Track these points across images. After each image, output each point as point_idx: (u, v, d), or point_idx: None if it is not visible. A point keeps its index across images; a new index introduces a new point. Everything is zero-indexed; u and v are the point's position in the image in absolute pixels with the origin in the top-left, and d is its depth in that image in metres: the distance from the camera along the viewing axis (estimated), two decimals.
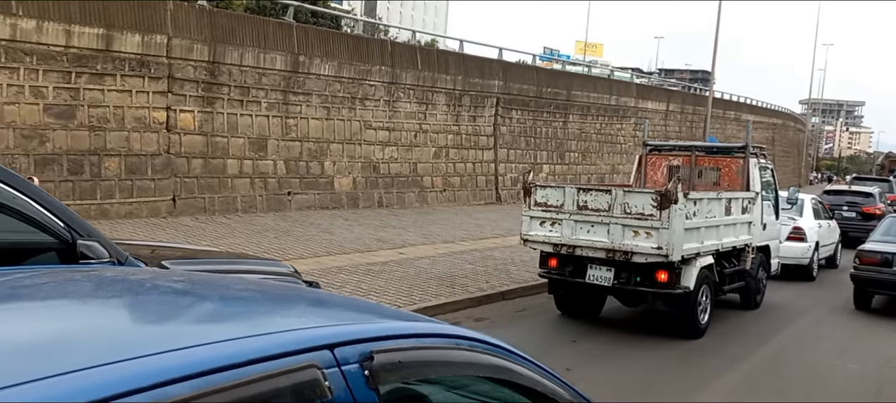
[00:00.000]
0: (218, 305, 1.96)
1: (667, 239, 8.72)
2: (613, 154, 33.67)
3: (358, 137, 20.33)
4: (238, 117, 17.13)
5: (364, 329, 1.70)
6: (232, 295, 2.07)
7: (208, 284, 2.27)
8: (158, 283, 2.17)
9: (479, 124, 25.07)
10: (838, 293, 13.76)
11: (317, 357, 1.43)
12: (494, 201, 25.61)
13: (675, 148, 12.84)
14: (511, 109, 26.58)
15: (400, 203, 21.48)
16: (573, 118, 30.48)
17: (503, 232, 18.70)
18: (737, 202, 10.54)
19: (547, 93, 28.52)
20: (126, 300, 1.95)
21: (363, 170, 20.40)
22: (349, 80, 19.90)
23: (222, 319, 1.83)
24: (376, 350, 1.55)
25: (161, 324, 1.71)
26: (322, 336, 1.54)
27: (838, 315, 12.28)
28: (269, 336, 1.48)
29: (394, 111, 21.52)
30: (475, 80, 24.63)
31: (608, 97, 32.84)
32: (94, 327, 1.60)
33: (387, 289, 11.07)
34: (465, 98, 24.29)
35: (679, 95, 41.94)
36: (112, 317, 1.76)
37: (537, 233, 9.77)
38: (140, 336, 1.58)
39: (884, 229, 12.88)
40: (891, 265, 11.47)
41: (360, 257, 13.64)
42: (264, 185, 17.72)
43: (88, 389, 1.15)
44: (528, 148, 27.58)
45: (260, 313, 1.90)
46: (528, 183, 9.98)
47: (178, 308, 1.90)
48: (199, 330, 1.67)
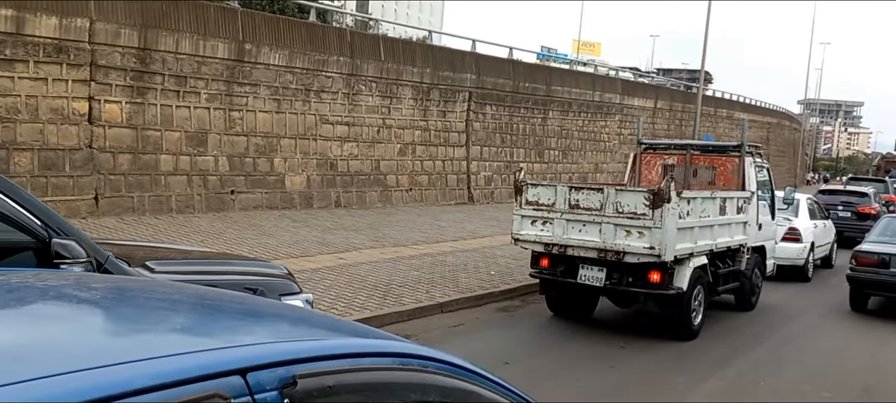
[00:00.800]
0: (113, 318, 1.70)
1: (659, 238, 8.56)
2: (597, 152, 32.34)
3: (313, 132, 18.98)
4: (173, 109, 15.78)
5: (286, 348, 1.47)
6: (142, 305, 1.85)
7: (121, 291, 2.04)
8: (64, 291, 1.95)
9: (449, 120, 23.73)
10: (834, 294, 13.42)
11: (223, 385, 1.24)
12: (466, 201, 24.29)
13: (669, 146, 12.64)
14: (485, 104, 25.23)
15: (360, 203, 20.14)
16: (553, 114, 29.14)
17: (465, 235, 17.39)
18: (732, 201, 10.33)
19: (524, 88, 27.18)
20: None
21: (319, 168, 19.05)
22: (303, 71, 18.56)
23: (111, 336, 1.55)
24: (301, 373, 1.35)
25: (33, 344, 1.37)
26: (232, 358, 1.32)
27: (832, 318, 11.99)
28: (164, 361, 1.25)
29: (354, 105, 20.18)
30: (445, 73, 23.29)
31: (591, 93, 31.51)
32: None
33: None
34: (433, 92, 22.95)
35: (668, 92, 40.62)
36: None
37: (528, 233, 9.58)
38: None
39: (880, 229, 12.55)
40: (888, 266, 11.23)
41: (293, 263, 12.27)
42: (204, 183, 16.37)
43: None
44: (503, 145, 26.25)
45: (164, 329, 1.65)
46: (520, 181, 9.74)
47: (65, 322, 1.62)
48: (73, 352, 1.32)
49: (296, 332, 1.78)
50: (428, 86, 22.70)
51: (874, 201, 22.27)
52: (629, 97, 34.96)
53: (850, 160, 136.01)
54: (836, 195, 22.62)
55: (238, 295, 2.44)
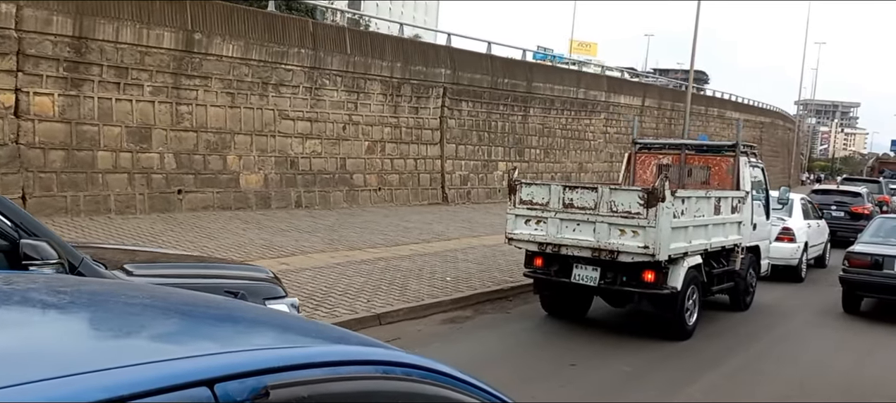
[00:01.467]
0: (74, 324, 1.64)
1: (653, 237, 8.54)
2: (581, 151, 31.35)
3: (271, 128, 17.96)
4: (113, 103, 14.74)
5: (258, 356, 1.41)
6: (108, 310, 1.77)
7: (90, 295, 1.94)
8: (28, 295, 1.83)
9: (422, 117, 22.72)
10: (827, 295, 13.25)
11: (187, 397, 1.19)
12: (440, 202, 23.27)
13: (664, 146, 12.64)
14: (461, 101, 24.22)
15: (323, 203, 19.11)
16: (535, 112, 28.14)
17: (431, 237, 16.38)
18: (726, 201, 10.30)
19: (503, 85, 26.17)
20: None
21: (277, 166, 18.03)
22: (260, 63, 17.53)
23: (68, 344, 1.43)
24: (274, 384, 1.28)
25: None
26: (199, 368, 1.26)
27: (827, 319, 11.83)
28: (123, 371, 1.18)
29: (317, 99, 19.16)
30: (417, 68, 22.27)
31: (575, 90, 30.52)
32: None
33: None
34: (405, 87, 21.93)
35: (656, 90, 39.64)
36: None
37: (522, 232, 9.54)
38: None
39: (873, 230, 12.32)
40: (881, 267, 11.02)
41: None
42: (147, 182, 15.33)
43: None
44: (480, 143, 25.23)
45: (128, 336, 1.57)
46: (514, 180, 9.72)
47: (18, 328, 1.53)
48: (20, 361, 1.24)
49: (271, 339, 1.70)
50: (399, 81, 21.68)
51: (867, 201, 22.38)
52: (615, 95, 33.97)
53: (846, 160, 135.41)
54: (829, 195, 22.71)
55: (213, 299, 2.24)
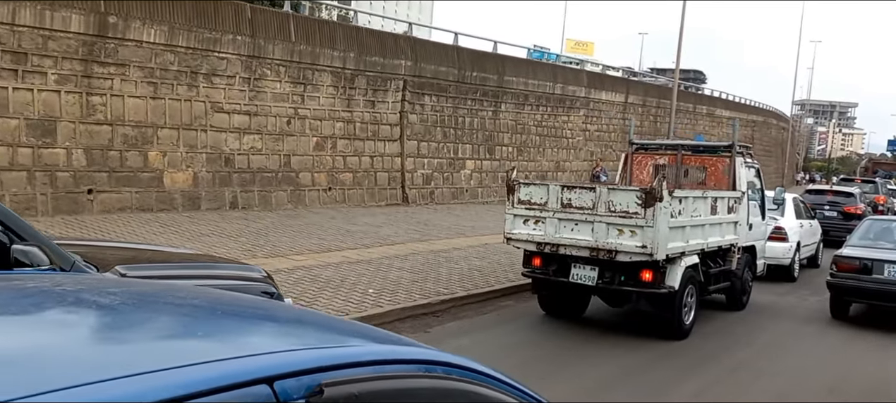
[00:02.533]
0: (129, 326, 1.65)
1: (651, 237, 8.61)
2: (558, 149, 29.85)
3: (202, 122, 16.44)
4: (10, 92, 13.22)
5: (312, 355, 1.46)
6: (160, 311, 1.80)
7: (140, 296, 1.96)
8: (81, 296, 1.86)
9: (379, 111, 21.20)
10: (821, 295, 12.92)
11: (251, 395, 1.23)
12: (400, 202, 21.77)
13: (661, 146, 12.71)
14: (423, 95, 22.71)
15: (264, 204, 17.59)
16: (507, 107, 26.63)
17: (373, 242, 14.86)
18: (723, 201, 10.38)
19: (472, 78, 24.66)
20: (49, 316, 1.67)
21: (209, 164, 16.50)
22: (188, 50, 16.01)
23: (127, 345, 1.49)
24: (328, 382, 1.34)
25: (43, 354, 1.33)
26: (258, 367, 1.31)
27: (820, 319, 11.67)
28: (186, 371, 1.22)
29: (257, 91, 17.64)
30: (374, 59, 20.75)
31: (552, 85, 29.01)
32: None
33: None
34: (359, 79, 20.42)
35: (641, 86, 38.13)
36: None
37: (520, 232, 9.57)
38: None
39: (862, 233, 11.88)
40: (870, 271, 10.63)
41: None
42: (51, 181, 13.81)
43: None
44: (446, 140, 23.72)
45: (185, 337, 1.61)
46: (512, 180, 9.77)
47: (74, 329, 1.59)
48: (84, 362, 1.30)
49: (320, 339, 1.73)
50: (352, 73, 20.16)
51: (860, 201, 22.50)
52: (596, 90, 32.46)
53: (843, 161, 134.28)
54: (822, 195, 23.00)
55: (257, 300, 2.28)
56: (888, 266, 10.56)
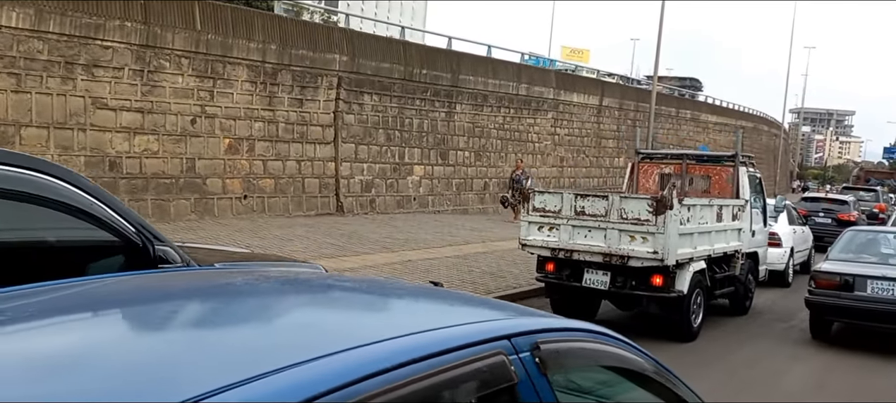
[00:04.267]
0: (390, 302, 2.29)
1: (662, 243, 8.96)
2: (524, 154, 27.67)
3: (80, 120, 14.30)
4: None
5: (529, 322, 1.94)
6: (391, 294, 2.46)
7: (369, 284, 2.93)
8: (330, 284, 2.60)
9: (308, 110, 19.08)
10: None
11: (500, 346, 1.66)
12: (334, 212, 19.62)
13: (666, 156, 13.24)
14: (362, 93, 20.58)
15: (161, 214, 15.42)
16: (463, 108, 24.51)
17: None
18: (727, 209, 10.69)
19: (421, 76, 22.55)
20: (308, 298, 2.23)
21: (89, 168, 14.32)
22: (61, 38, 13.89)
23: (403, 314, 2.14)
24: (541, 341, 1.76)
25: (358, 319, 2.01)
26: (500, 328, 1.79)
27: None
28: (457, 329, 1.74)
29: (152, 85, 15.52)
30: (300, 52, 18.64)
31: (515, 85, 26.90)
32: (297, 324, 1.89)
33: None
34: (283, 74, 18.30)
35: (617, 89, 36.00)
36: (312, 315, 2.02)
37: (535, 238, 9.93)
38: (347, 330, 1.81)
39: (843, 245, 11.00)
40: (852, 288, 9.79)
41: None
42: None
43: (344, 372, 1.36)
44: (390, 143, 21.59)
45: (438, 309, 2.16)
46: (527, 189, 10.30)
47: (361, 305, 2.21)
48: (392, 324, 1.92)
49: (505, 312, 2.16)
50: (274, 67, 18.05)
51: (853, 209, 23.08)
52: (567, 92, 30.35)
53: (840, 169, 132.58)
54: (817, 202, 23.87)
55: (438, 288, 2.75)
56: (872, 282, 9.59)
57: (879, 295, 9.50)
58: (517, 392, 1.63)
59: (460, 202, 24.38)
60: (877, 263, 10.14)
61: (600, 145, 33.18)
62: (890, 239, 11.02)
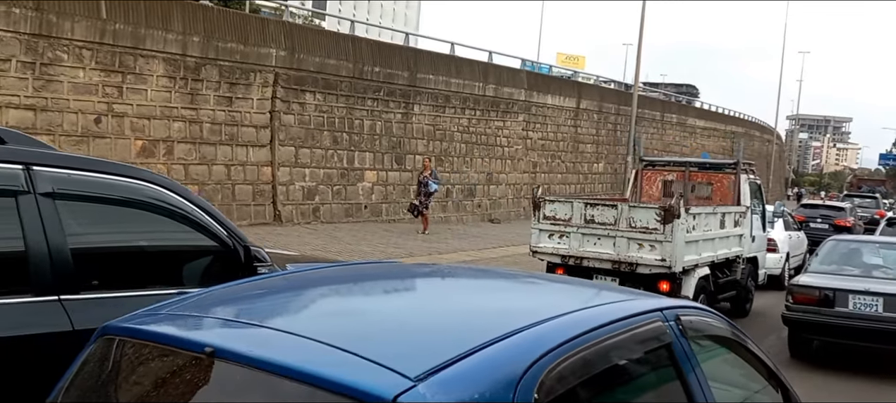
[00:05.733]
0: (550, 287, 3.17)
1: (670, 251, 9.19)
2: (492, 159, 26.00)
3: None
4: None
5: (667, 301, 2.54)
6: (538, 282, 3.41)
7: (509, 275, 3.61)
8: (496, 275, 3.51)
9: (239, 109, 17.38)
10: None
11: (656, 316, 2.21)
12: (271, 220, 17.89)
13: (668, 163, 13.79)
14: (303, 91, 18.89)
15: None
16: (422, 109, 22.82)
17: None
18: (730, 216, 10.96)
19: (373, 74, 20.86)
20: (495, 283, 2.93)
21: None
22: None
23: (571, 295, 2.72)
24: (680, 313, 2.32)
25: (534, 299, 2.64)
26: (652, 304, 2.35)
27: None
28: (614, 305, 2.29)
29: (47, 80, 13.83)
30: (229, 45, 16.96)
31: (481, 85, 25.22)
32: (487, 302, 2.44)
33: None
34: (208, 69, 16.61)
35: (595, 90, 34.32)
36: (512, 296, 2.63)
37: (546, 245, 10.19)
38: (531, 307, 2.31)
39: (823, 256, 10.23)
40: (832, 303, 8.90)
41: None
42: None
43: (558, 334, 1.84)
44: (336, 146, 19.88)
45: (594, 294, 2.83)
46: (538, 197, 10.46)
47: (535, 291, 2.90)
48: (559, 302, 2.42)
49: (628, 294, 2.71)
50: (197, 62, 16.35)
51: (849, 215, 23.95)
52: (541, 94, 28.68)
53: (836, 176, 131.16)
54: (815, 209, 24.96)
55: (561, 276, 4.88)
56: (853, 297, 8.74)
57: (862, 311, 8.64)
58: (672, 350, 2.19)
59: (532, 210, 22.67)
60: (859, 276, 9.31)
61: (578, 150, 31.50)
62: (874, 250, 10.24)
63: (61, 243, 2.94)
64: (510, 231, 22.53)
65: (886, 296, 8.53)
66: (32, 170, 2.95)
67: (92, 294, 2.99)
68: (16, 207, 2.89)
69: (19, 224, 2.88)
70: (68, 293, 2.91)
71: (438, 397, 1.50)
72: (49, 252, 2.90)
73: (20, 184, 2.92)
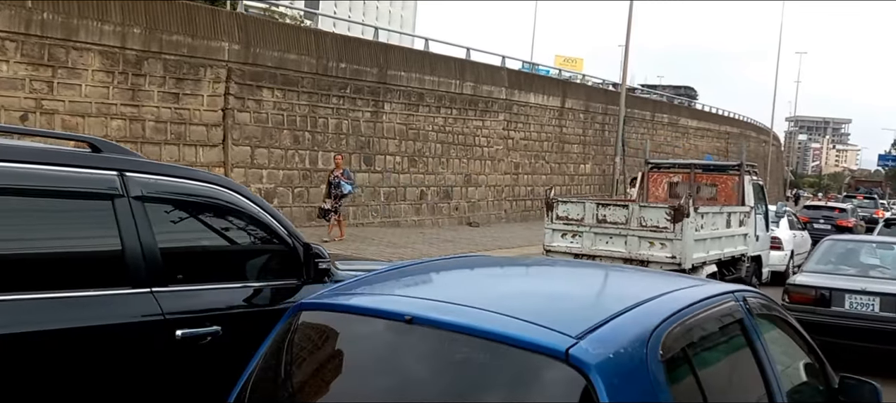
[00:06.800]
0: (640, 276, 4.05)
1: (680, 249, 9.66)
2: (470, 159, 24.86)
3: None
4: None
5: (733, 286, 3.14)
6: (627, 271, 4.52)
7: (612, 267, 4.90)
8: (595, 264, 5.20)
9: (188, 107, 16.25)
10: None
11: (731, 297, 2.77)
12: None
13: (674, 165, 14.44)
14: (260, 88, 17.77)
15: None
16: (394, 107, 21.69)
17: None
18: (735, 216, 11.40)
19: (338, 70, 19.74)
20: (594, 271, 3.67)
21: None
22: None
23: (663, 280, 3.40)
24: (747, 296, 2.89)
25: (645, 283, 3.10)
26: (724, 287, 2.97)
27: None
28: (705, 287, 2.89)
29: None
30: (175, 38, 15.83)
31: (458, 83, 24.09)
32: (605, 282, 3.14)
33: None
34: (152, 64, 15.48)
35: (582, 90, 33.17)
36: (618, 280, 3.23)
37: (559, 244, 10.60)
38: (643, 289, 2.74)
39: (819, 256, 10.05)
40: (829, 303, 8.78)
41: None
42: None
43: (674, 305, 2.43)
44: (298, 146, 18.74)
45: (671, 281, 3.05)
46: (551, 198, 10.89)
47: (635, 275, 3.88)
48: (668, 285, 2.80)
49: (694, 281, 3.31)
50: (138, 55, 15.23)
51: (851, 216, 24.96)
52: (523, 92, 27.55)
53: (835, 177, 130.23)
54: (818, 210, 26.28)
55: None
56: (850, 296, 8.72)
57: (858, 310, 8.63)
58: (743, 323, 2.70)
59: (390, 213, 21.52)
60: (856, 276, 9.25)
61: (563, 150, 30.37)
62: (871, 250, 10.19)
63: (152, 241, 3.29)
64: (486, 234, 21.38)
65: (883, 296, 8.51)
66: (126, 176, 3.28)
67: (177, 287, 3.34)
68: (113, 210, 3.21)
69: (116, 225, 3.20)
70: (158, 286, 3.26)
71: (596, 349, 2.03)
72: (142, 249, 3.24)
73: (116, 189, 3.24)
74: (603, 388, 1.93)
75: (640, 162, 35.45)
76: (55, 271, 3.07)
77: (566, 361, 1.98)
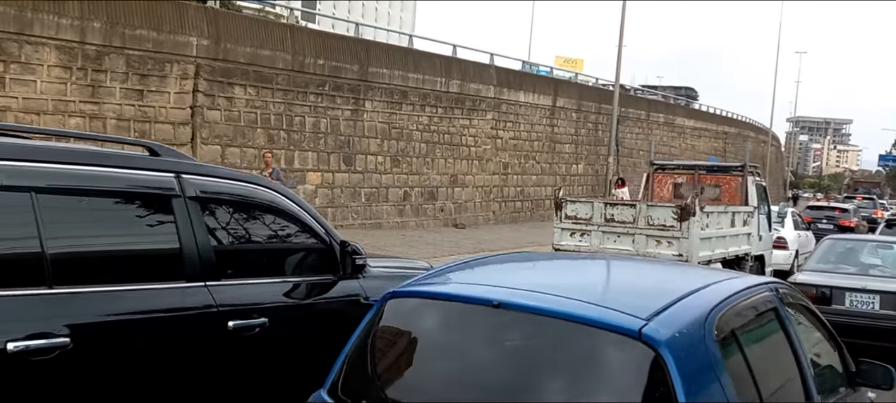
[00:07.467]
0: (683, 269, 4.78)
1: (686, 247, 9.88)
2: (457, 159, 24.15)
3: None
4: None
5: (767, 278, 3.69)
6: (668, 265, 5.21)
7: (648, 261, 6.60)
8: (642, 259, 6.75)
9: (152, 104, 15.54)
10: None
11: (765, 288, 3.06)
12: None
13: (678, 166, 14.74)
14: (231, 85, 17.06)
15: None
16: (375, 105, 20.98)
17: None
18: (739, 215, 11.62)
19: (316, 66, 19.04)
20: (643, 266, 4.39)
21: None
22: None
23: (708, 272, 3.83)
24: (778, 287, 3.20)
25: (695, 275, 3.51)
26: (760, 279, 3.30)
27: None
28: (744, 279, 3.20)
29: None
30: (138, 32, 15.13)
31: (444, 81, 23.37)
32: (663, 274, 3.64)
33: None
34: (113, 59, 14.79)
35: (574, 88, 32.43)
36: (664, 274, 3.68)
37: (568, 243, 10.82)
38: (692, 280, 3.05)
39: (820, 255, 10.16)
40: (829, 301, 8.95)
41: None
42: None
43: (724, 292, 2.77)
44: (273, 145, 18.02)
45: (707, 275, 3.44)
46: (560, 198, 11.15)
47: (679, 268, 4.56)
48: (714, 276, 3.17)
49: (730, 275, 3.63)
50: (98, 50, 14.53)
51: (853, 216, 25.59)
52: (512, 91, 26.84)
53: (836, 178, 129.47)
54: (820, 210, 26.75)
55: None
56: (851, 294, 8.96)
57: (859, 309, 8.83)
58: (778, 312, 3.01)
59: (371, 215, 20.81)
60: (856, 274, 9.43)
61: (555, 150, 29.65)
62: (871, 249, 10.37)
63: (205, 238, 3.57)
64: (471, 236, 20.66)
65: (883, 294, 8.66)
66: (182, 178, 3.56)
67: (228, 281, 3.59)
68: (171, 209, 3.49)
69: (174, 223, 3.47)
70: (212, 280, 3.51)
71: (663, 328, 2.31)
72: (197, 246, 3.51)
73: (174, 190, 3.52)
74: (672, 361, 2.23)
75: (635, 162, 35.05)
76: (125, 266, 3.32)
77: (639, 339, 2.28)
